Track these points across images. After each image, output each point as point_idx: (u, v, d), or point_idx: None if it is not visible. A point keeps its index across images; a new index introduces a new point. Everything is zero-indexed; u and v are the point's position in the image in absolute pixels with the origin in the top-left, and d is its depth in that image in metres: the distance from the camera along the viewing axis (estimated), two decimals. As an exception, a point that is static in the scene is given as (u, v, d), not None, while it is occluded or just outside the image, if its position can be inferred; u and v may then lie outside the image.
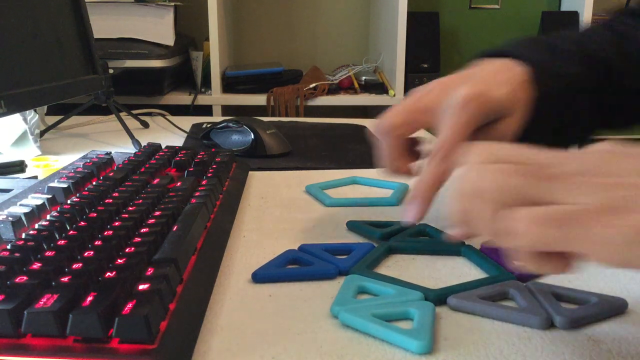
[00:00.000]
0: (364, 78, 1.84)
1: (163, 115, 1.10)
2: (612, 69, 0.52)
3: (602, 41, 0.54)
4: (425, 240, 0.49)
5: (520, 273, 0.41)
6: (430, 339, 0.33)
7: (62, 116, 1.00)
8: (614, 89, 0.53)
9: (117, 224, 0.43)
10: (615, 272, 0.43)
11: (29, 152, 0.80)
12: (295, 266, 0.45)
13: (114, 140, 0.93)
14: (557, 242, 0.27)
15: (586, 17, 1.84)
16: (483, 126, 0.45)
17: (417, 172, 0.49)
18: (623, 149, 0.29)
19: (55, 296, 0.31)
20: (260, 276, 0.42)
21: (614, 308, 0.38)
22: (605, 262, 0.26)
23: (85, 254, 0.37)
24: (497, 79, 0.46)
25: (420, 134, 0.50)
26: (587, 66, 0.51)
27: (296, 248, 0.47)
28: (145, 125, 1.04)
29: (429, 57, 1.88)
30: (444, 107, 0.45)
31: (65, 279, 0.33)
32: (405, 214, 0.45)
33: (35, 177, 0.67)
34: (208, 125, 0.88)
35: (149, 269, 0.36)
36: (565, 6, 2.06)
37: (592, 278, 0.43)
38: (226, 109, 1.78)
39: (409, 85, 1.77)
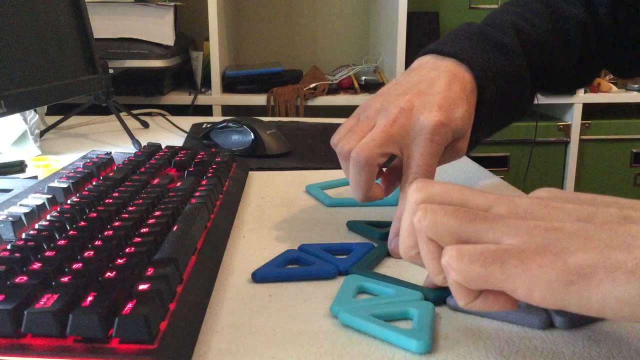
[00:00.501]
0: (364, 78, 1.84)
1: (163, 115, 1.10)
2: (549, 51, 0.56)
3: (538, 21, 0.56)
4: None
5: None
6: (429, 338, 0.33)
7: (62, 116, 1.00)
8: (553, 70, 0.57)
9: (117, 224, 0.43)
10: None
11: (29, 152, 0.80)
12: (295, 266, 0.45)
13: (114, 140, 0.93)
14: (482, 279, 0.28)
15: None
16: None
17: (386, 188, 0.50)
18: (560, 195, 0.31)
19: (55, 296, 0.31)
20: (260, 276, 0.42)
21: None
22: (531, 300, 0.27)
23: (85, 254, 0.37)
24: (452, 95, 0.47)
25: None
26: (528, 56, 0.54)
27: (296, 248, 0.47)
28: (145, 125, 1.04)
29: (428, 57, 1.87)
30: (412, 135, 0.46)
31: (65, 279, 0.33)
32: (392, 251, 0.45)
33: (35, 177, 0.67)
34: (208, 125, 0.88)
35: (149, 269, 0.36)
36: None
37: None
38: (226, 109, 1.78)
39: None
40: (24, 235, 0.40)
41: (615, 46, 0.60)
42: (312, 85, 1.74)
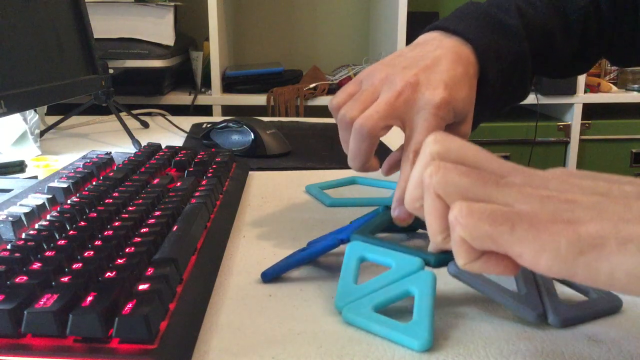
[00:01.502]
0: (364, 78, 1.84)
1: (163, 115, 1.10)
2: (550, 35, 0.56)
3: (540, 5, 0.56)
4: None
5: None
6: (429, 334, 0.33)
7: (62, 116, 1.00)
8: (552, 55, 0.57)
9: (117, 224, 0.43)
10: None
11: (29, 152, 0.80)
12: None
13: (114, 140, 0.93)
14: (489, 238, 0.27)
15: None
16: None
17: (387, 171, 0.51)
18: (577, 173, 0.30)
19: (55, 296, 0.31)
20: (269, 273, 0.42)
21: (608, 308, 0.38)
22: (537, 267, 0.26)
23: (85, 254, 0.37)
24: (457, 75, 0.47)
25: None
26: (530, 39, 0.54)
27: (296, 248, 0.47)
28: (145, 125, 1.04)
29: (428, 57, 1.87)
30: (415, 109, 0.46)
31: (65, 279, 0.33)
32: (396, 218, 0.45)
33: (35, 177, 0.67)
34: (208, 125, 0.88)
35: (149, 269, 0.36)
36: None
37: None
38: (226, 109, 1.78)
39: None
40: (24, 235, 0.40)
41: (615, 34, 0.60)
42: (312, 85, 1.74)
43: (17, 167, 0.72)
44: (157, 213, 0.46)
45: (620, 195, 0.28)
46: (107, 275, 0.35)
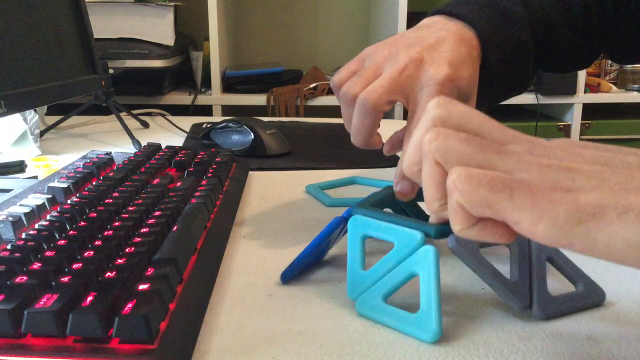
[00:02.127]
0: (364, 78, 1.84)
1: (163, 115, 1.10)
2: (553, 27, 0.56)
3: None
4: None
5: None
6: (437, 325, 0.34)
7: (62, 116, 1.00)
8: (554, 47, 0.57)
9: (117, 224, 0.43)
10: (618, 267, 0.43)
11: (29, 152, 0.80)
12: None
13: (114, 140, 0.93)
14: (487, 204, 0.27)
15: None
16: None
17: (389, 150, 0.51)
18: (577, 142, 0.30)
19: (55, 296, 0.31)
20: (288, 274, 0.42)
21: (591, 302, 0.38)
22: (534, 234, 0.26)
23: (85, 254, 0.37)
24: (460, 56, 0.47)
25: None
26: (533, 29, 0.54)
27: (296, 248, 0.47)
28: (145, 125, 1.04)
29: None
30: (419, 86, 0.46)
31: (65, 279, 0.33)
32: (398, 193, 0.45)
33: (35, 177, 0.67)
34: (208, 125, 0.88)
35: (149, 269, 0.36)
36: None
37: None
38: (226, 109, 1.78)
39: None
40: (24, 235, 0.40)
41: (616, 29, 0.61)
42: (312, 85, 1.74)
43: (17, 167, 0.72)
44: (157, 213, 0.46)
45: (622, 166, 0.27)
46: (107, 275, 0.35)
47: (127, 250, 0.39)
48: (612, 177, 0.26)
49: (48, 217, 0.44)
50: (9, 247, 0.38)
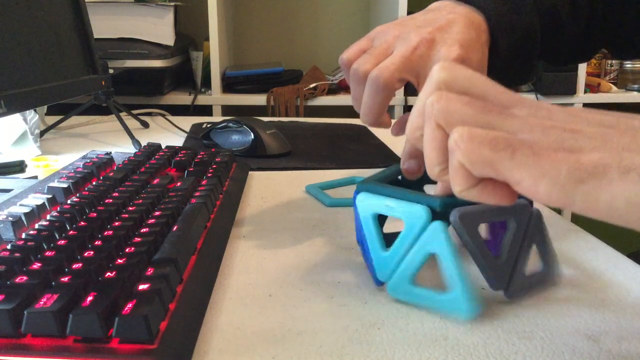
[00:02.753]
0: (364, 78, 1.84)
1: (163, 115, 1.10)
2: (559, 17, 0.56)
3: None
4: None
5: None
6: (469, 302, 0.35)
7: (62, 116, 1.00)
8: (558, 36, 0.57)
9: (117, 224, 0.43)
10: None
11: (29, 152, 0.80)
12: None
13: (114, 140, 0.93)
14: (489, 163, 0.27)
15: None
16: None
17: (397, 131, 0.50)
18: (582, 108, 0.30)
19: (55, 296, 0.31)
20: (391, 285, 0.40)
21: (545, 281, 0.40)
22: (535, 194, 0.26)
23: (85, 254, 0.37)
24: (470, 39, 0.48)
25: None
26: (539, 15, 0.54)
27: (296, 248, 0.47)
28: (145, 125, 1.04)
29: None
30: (430, 65, 0.46)
31: (65, 279, 0.33)
32: (405, 171, 0.45)
33: (35, 177, 0.67)
34: (208, 125, 0.88)
35: (149, 269, 0.36)
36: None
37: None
38: (226, 109, 1.78)
39: (408, 85, 1.77)
40: (24, 235, 0.40)
41: (619, 23, 0.61)
42: (312, 85, 1.74)
43: (17, 167, 0.72)
44: (157, 213, 0.46)
45: (627, 128, 0.27)
46: (107, 275, 0.35)
47: (127, 250, 0.39)
48: (615, 138, 0.26)
49: (48, 217, 0.44)
50: (9, 247, 0.38)
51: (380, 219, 0.41)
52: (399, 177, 0.46)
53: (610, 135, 0.26)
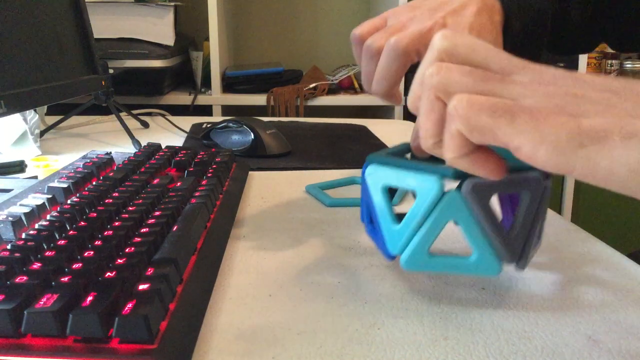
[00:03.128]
0: (364, 78, 1.84)
1: (163, 115, 1.10)
2: (567, 2, 0.57)
3: None
4: None
5: None
6: (497, 258, 0.36)
7: (62, 116, 1.00)
8: (565, 22, 0.58)
9: (117, 224, 0.43)
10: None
11: (29, 152, 0.80)
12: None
13: (114, 140, 0.93)
14: (488, 130, 0.27)
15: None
16: None
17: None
18: (586, 73, 0.30)
19: (55, 296, 0.31)
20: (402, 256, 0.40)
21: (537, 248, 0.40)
22: (535, 159, 0.26)
23: (85, 254, 0.37)
24: (482, 22, 0.48)
25: None
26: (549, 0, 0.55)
27: (296, 248, 0.47)
28: (145, 125, 1.04)
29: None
30: None
31: (65, 279, 0.33)
32: (415, 148, 0.44)
33: (35, 177, 0.67)
34: (208, 125, 0.88)
35: (149, 269, 0.36)
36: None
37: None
38: (226, 109, 1.78)
39: (408, 85, 1.77)
40: (24, 235, 0.40)
41: (622, 14, 0.61)
42: (312, 85, 1.74)
43: (17, 167, 0.72)
44: (157, 213, 0.46)
45: (631, 94, 0.27)
46: (107, 275, 0.35)
47: (127, 250, 0.39)
48: (619, 103, 0.26)
49: (48, 217, 0.44)
50: (9, 247, 0.38)
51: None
52: (407, 155, 0.45)
53: (615, 101, 0.26)
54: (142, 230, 0.42)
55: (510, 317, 0.37)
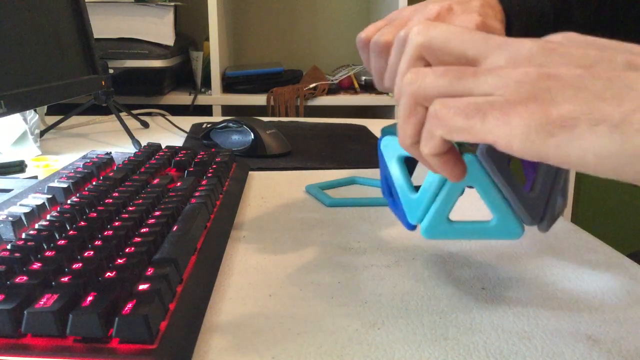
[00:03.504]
0: (364, 78, 1.84)
1: (163, 115, 1.10)
2: (569, 6, 0.57)
3: None
4: None
5: None
6: (518, 221, 0.36)
7: (62, 116, 1.00)
8: (567, 23, 0.58)
9: (117, 224, 0.43)
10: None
11: (29, 152, 0.80)
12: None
13: (114, 140, 0.93)
14: (465, 131, 0.28)
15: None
16: None
17: None
18: (574, 39, 0.30)
19: (55, 296, 0.31)
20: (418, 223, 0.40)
21: (560, 210, 0.40)
22: (511, 152, 0.26)
23: (85, 254, 0.37)
24: (487, 13, 0.49)
25: None
26: (551, 1, 0.55)
27: (296, 248, 0.47)
28: (145, 125, 1.04)
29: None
30: None
31: (65, 279, 0.33)
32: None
33: (35, 177, 0.67)
34: (208, 125, 0.88)
35: (149, 269, 0.36)
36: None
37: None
38: (226, 109, 1.78)
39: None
40: (24, 235, 0.40)
41: (626, 18, 0.61)
42: (312, 85, 1.74)
43: (17, 167, 0.72)
44: (157, 213, 0.46)
45: (607, 68, 0.27)
46: (107, 275, 0.35)
47: (127, 250, 0.39)
48: (589, 84, 0.26)
49: (48, 217, 0.44)
50: (9, 247, 0.38)
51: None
52: None
53: (586, 81, 0.26)
54: (142, 230, 0.42)
55: (510, 317, 0.37)
